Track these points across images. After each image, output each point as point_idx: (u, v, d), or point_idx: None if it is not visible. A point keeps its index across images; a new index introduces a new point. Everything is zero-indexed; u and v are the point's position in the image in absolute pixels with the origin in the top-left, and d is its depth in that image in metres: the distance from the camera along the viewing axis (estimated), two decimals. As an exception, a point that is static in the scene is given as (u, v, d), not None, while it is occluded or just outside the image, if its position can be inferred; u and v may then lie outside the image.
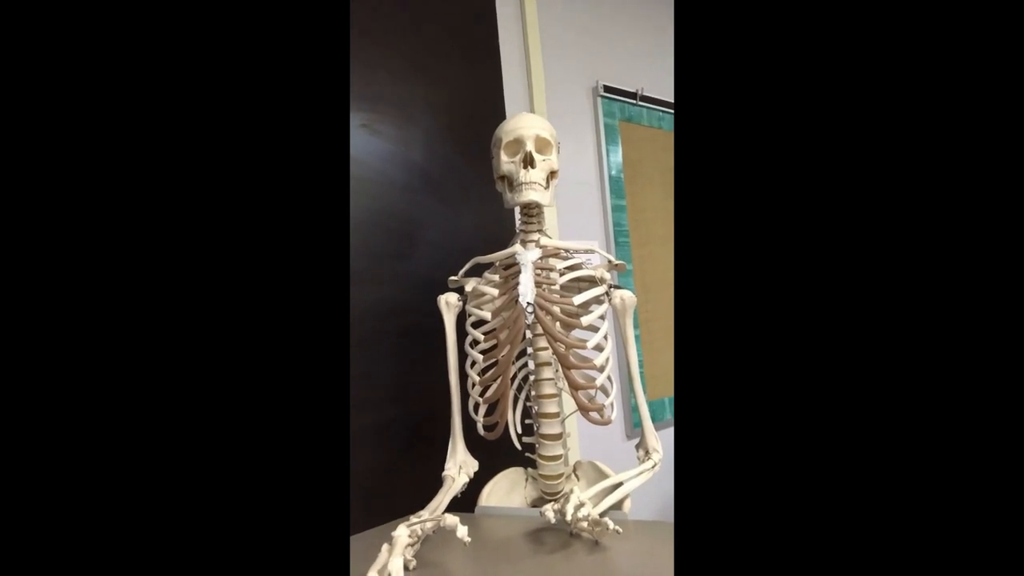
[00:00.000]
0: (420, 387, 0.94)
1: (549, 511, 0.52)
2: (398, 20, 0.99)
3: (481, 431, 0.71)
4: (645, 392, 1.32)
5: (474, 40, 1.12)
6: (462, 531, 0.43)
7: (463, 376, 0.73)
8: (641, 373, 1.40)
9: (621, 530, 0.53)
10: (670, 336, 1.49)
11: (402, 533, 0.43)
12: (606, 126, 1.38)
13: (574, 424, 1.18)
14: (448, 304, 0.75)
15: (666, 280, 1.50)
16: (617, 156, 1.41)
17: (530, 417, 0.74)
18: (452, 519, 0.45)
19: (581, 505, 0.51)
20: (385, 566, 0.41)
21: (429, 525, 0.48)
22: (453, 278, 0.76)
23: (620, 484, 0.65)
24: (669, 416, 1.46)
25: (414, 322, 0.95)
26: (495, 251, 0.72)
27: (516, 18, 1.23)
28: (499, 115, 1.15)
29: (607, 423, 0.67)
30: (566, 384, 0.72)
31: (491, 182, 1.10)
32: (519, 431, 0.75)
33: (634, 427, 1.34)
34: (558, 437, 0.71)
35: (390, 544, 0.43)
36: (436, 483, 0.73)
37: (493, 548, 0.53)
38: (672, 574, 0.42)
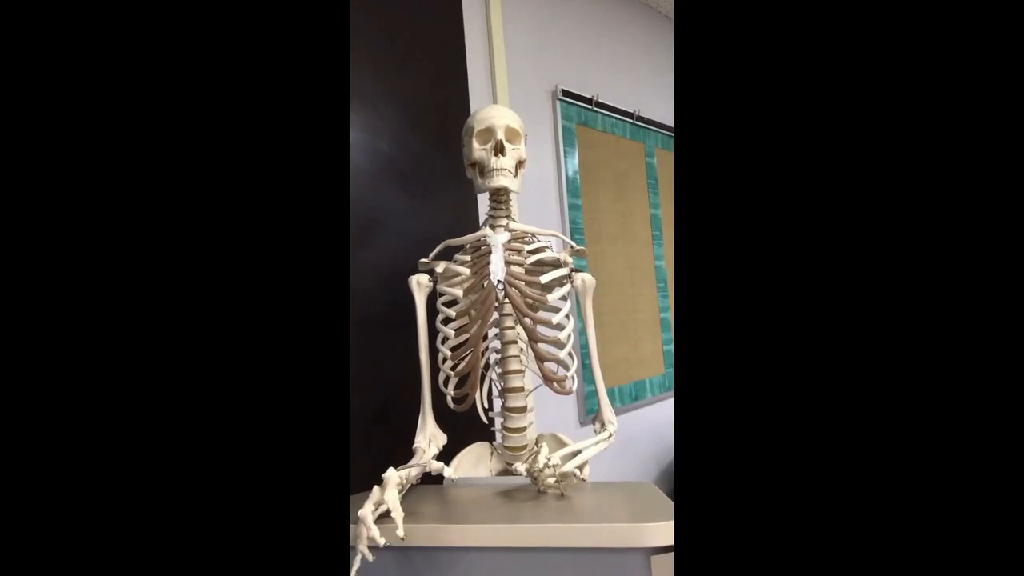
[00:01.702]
0: (380, 375, 0.95)
1: (520, 466, 0.56)
2: (364, 19, 1.01)
3: (451, 403, 0.74)
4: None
5: (441, 40, 1.16)
6: (448, 471, 0.46)
7: (433, 353, 0.76)
8: (593, 363, 1.48)
9: (586, 478, 0.58)
10: (621, 329, 1.58)
11: (392, 474, 0.45)
12: (564, 128, 1.46)
13: (533, 415, 1.23)
14: (419, 284, 0.77)
15: (617, 277, 1.59)
16: (574, 157, 1.48)
17: (496, 394, 0.77)
18: (437, 464, 0.48)
19: (548, 460, 0.55)
20: (380, 500, 0.43)
21: (415, 472, 0.50)
22: (424, 260, 0.79)
23: (580, 452, 0.71)
24: (618, 404, 1.55)
25: (375, 311, 0.96)
26: (460, 240, 0.76)
27: (481, 21, 1.27)
28: (464, 112, 1.19)
29: (568, 393, 0.73)
30: (530, 361, 0.77)
31: (455, 175, 1.13)
32: (485, 406, 0.79)
33: (587, 414, 1.42)
34: (523, 410, 0.76)
35: (380, 485, 0.45)
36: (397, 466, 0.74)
37: (466, 502, 0.56)
38: (626, 515, 0.47)
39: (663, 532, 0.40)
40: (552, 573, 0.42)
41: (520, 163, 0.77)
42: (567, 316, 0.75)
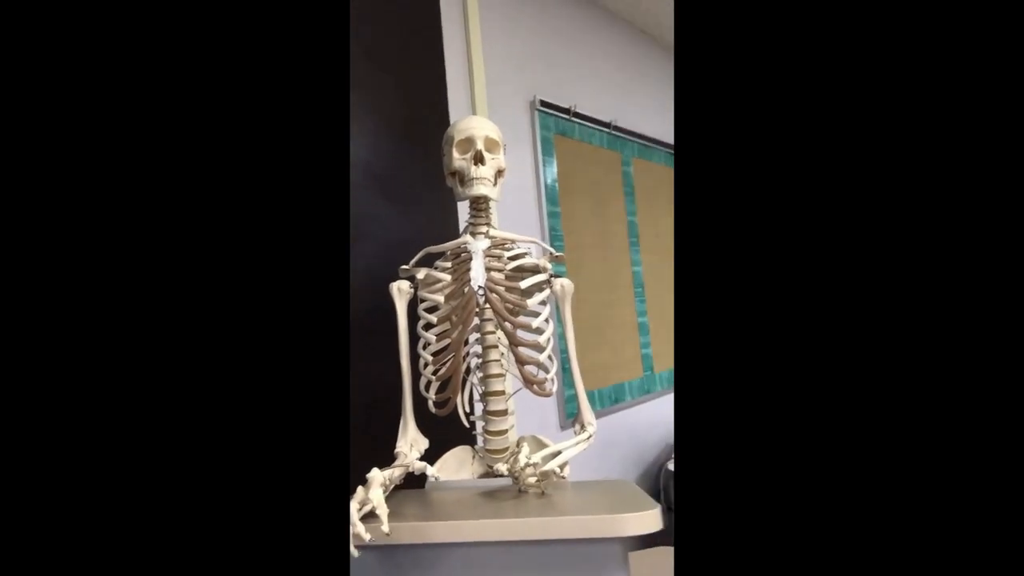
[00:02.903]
0: (360, 381, 0.95)
1: (501, 466, 0.57)
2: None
3: (432, 408, 0.75)
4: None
5: (420, 51, 1.17)
6: (431, 470, 0.47)
7: (414, 358, 0.77)
8: (573, 368, 1.50)
9: (566, 475, 0.59)
10: (599, 334, 1.61)
11: (376, 473, 0.46)
12: (542, 138, 1.49)
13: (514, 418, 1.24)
14: (400, 291, 0.78)
15: (596, 283, 1.62)
16: (552, 166, 1.52)
17: (477, 399, 0.79)
18: (420, 463, 0.49)
19: (530, 459, 0.57)
20: (365, 499, 0.44)
21: (398, 472, 0.51)
22: (404, 267, 0.80)
23: (561, 452, 0.72)
24: (598, 407, 1.58)
25: (355, 318, 0.96)
26: (439, 248, 0.77)
27: (460, 31, 1.30)
28: (444, 122, 1.21)
29: (548, 395, 0.75)
30: (510, 365, 0.78)
31: (435, 183, 1.15)
32: (467, 410, 0.80)
33: (567, 418, 1.44)
34: (504, 413, 0.77)
35: (364, 485, 0.46)
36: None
37: (449, 502, 0.57)
38: (604, 508, 0.48)
39: (639, 522, 0.42)
40: (534, 565, 0.44)
41: (499, 172, 0.79)
42: (546, 320, 0.77)
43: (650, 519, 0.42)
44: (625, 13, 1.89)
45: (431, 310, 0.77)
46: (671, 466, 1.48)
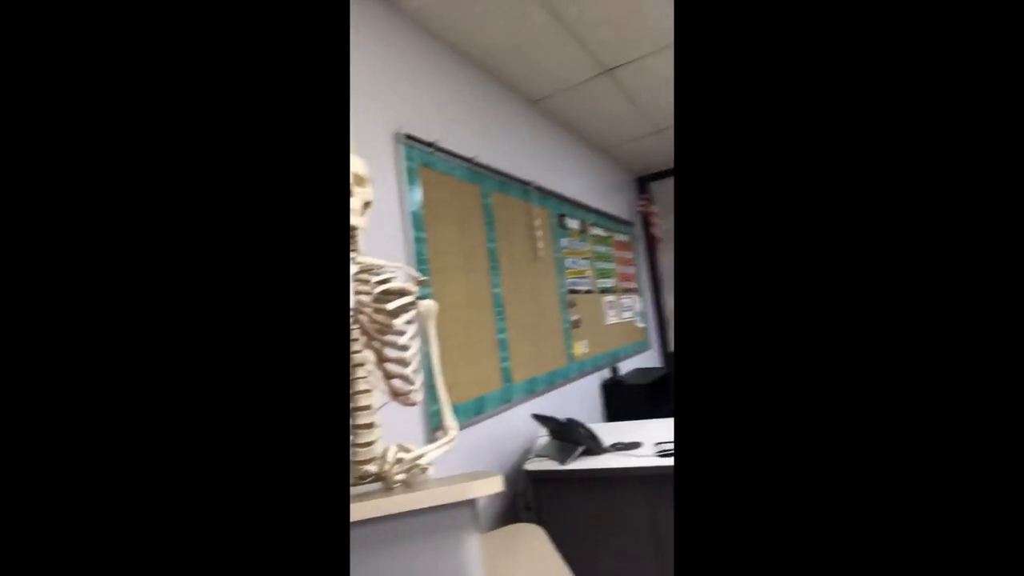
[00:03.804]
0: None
1: (371, 467, 0.64)
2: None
3: (300, 426, 0.79)
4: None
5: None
6: None
7: (281, 379, 0.79)
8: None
9: (430, 469, 0.69)
10: (463, 351, 1.73)
11: None
12: (408, 169, 1.59)
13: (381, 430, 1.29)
14: (265, 314, 0.81)
15: (460, 303, 1.75)
16: (418, 195, 1.62)
17: (345, 412, 0.84)
18: None
19: (397, 457, 0.65)
20: None
21: None
22: (270, 290, 0.83)
23: (424, 455, 0.81)
24: (462, 419, 1.69)
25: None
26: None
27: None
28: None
29: (413, 404, 0.84)
30: (377, 381, 0.86)
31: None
32: (335, 426, 0.85)
33: (433, 431, 1.52)
34: (371, 426, 0.84)
35: None
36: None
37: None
38: (459, 481, 0.59)
39: (483, 486, 0.54)
40: (401, 536, 0.52)
41: (366, 204, 0.87)
42: (412, 338, 0.86)
43: (492, 483, 0.54)
44: (485, 62, 2.11)
45: (299, 332, 0.81)
46: (526, 466, 1.66)
